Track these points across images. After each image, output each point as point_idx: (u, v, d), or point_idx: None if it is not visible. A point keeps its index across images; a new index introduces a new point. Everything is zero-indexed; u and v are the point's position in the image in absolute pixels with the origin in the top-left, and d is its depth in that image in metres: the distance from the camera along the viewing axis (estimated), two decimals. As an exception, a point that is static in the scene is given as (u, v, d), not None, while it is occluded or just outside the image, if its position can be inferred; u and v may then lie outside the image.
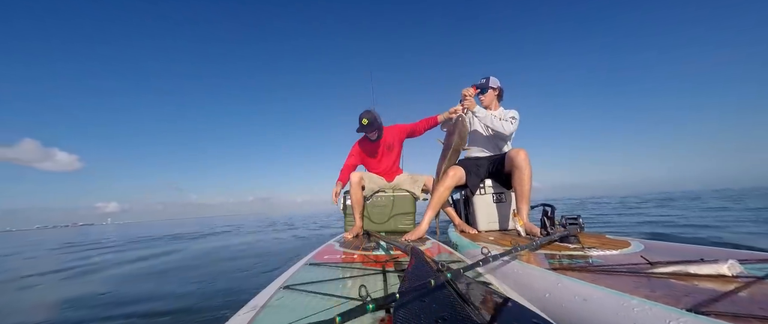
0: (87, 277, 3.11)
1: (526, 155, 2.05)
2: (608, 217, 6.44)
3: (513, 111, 2.38)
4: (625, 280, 0.84)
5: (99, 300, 2.17)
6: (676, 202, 9.77)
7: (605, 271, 0.96)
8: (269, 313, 0.78)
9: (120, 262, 4.04)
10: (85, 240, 9.62)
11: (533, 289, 0.90)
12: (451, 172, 2.25)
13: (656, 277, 0.86)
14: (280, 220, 15.92)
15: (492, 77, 2.44)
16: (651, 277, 0.86)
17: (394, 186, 2.82)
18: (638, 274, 0.90)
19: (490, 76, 2.45)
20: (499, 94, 2.49)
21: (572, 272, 0.94)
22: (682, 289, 0.75)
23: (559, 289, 0.83)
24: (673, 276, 0.86)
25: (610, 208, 9.62)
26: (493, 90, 2.44)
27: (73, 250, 6.51)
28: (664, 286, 0.79)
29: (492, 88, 2.43)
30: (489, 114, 2.26)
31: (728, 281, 0.78)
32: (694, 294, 0.70)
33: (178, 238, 7.52)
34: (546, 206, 1.70)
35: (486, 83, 2.43)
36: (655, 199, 13.09)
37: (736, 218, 4.84)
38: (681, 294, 0.71)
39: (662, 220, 5.34)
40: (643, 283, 0.81)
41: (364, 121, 2.57)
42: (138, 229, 18.65)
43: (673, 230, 3.99)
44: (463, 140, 2.27)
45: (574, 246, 1.43)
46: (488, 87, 2.42)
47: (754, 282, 0.76)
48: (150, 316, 1.74)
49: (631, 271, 0.93)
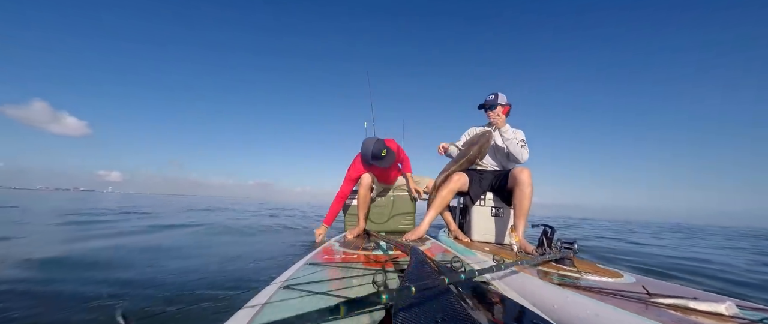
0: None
1: (530, 175, 2.09)
2: (604, 241, 6.43)
3: (520, 132, 2.41)
4: (630, 305, 0.87)
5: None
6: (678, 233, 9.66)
7: (609, 293, 0.98)
8: (269, 312, 0.78)
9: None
10: (82, 207, 9.06)
11: (541, 300, 0.92)
12: (456, 177, 2.29)
13: (657, 307, 0.89)
14: (274, 206, 15.70)
15: (500, 93, 2.40)
16: (651, 306, 0.89)
17: (394, 186, 2.85)
18: (640, 301, 0.93)
19: (499, 93, 2.40)
20: (508, 111, 2.43)
21: (579, 289, 0.97)
22: (686, 322, 0.78)
23: (569, 302, 0.85)
24: (672, 307, 0.89)
25: (608, 231, 9.63)
26: (501, 107, 2.38)
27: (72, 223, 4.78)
28: (667, 316, 0.81)
29: (501, 105, 2.38)
30: (514, 138, 2.28)
31: (725, 320, 0.82)
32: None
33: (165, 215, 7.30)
34: (546, 227, 1.73)
35: (495, 99, 2.38)
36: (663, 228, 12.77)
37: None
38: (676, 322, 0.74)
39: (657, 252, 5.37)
40: (646, 310, 0.84)
41: (382, 153, 2.38)
42: (133, 200, 18.21)
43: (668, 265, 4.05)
44: (482, 155, 2.31)
45: (570, 268, 1.46)
46: (497, 103, 2.37)
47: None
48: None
49: (632, 297, 0.96)
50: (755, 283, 2.42)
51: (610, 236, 7.24)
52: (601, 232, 8.22)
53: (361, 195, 2.60)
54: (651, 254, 4.04)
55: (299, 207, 16.28)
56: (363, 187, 2.60)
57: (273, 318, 0.69)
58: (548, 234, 1.70)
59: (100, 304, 1.36)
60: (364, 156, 2.43)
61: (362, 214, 2.60)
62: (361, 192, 2.60)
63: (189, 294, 1.53)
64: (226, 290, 1.59)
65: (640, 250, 4.44)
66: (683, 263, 3.21)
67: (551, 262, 1.58)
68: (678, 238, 7.67)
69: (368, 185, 2.61)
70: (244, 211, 10.09)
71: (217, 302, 1.42)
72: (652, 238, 7.21)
